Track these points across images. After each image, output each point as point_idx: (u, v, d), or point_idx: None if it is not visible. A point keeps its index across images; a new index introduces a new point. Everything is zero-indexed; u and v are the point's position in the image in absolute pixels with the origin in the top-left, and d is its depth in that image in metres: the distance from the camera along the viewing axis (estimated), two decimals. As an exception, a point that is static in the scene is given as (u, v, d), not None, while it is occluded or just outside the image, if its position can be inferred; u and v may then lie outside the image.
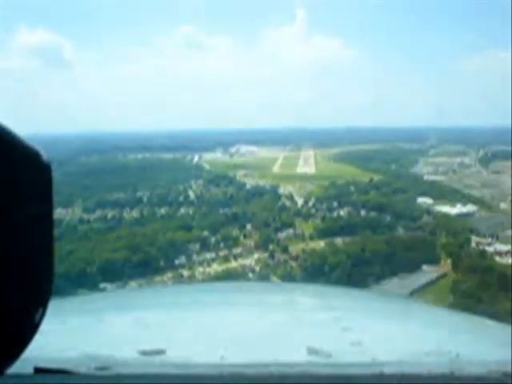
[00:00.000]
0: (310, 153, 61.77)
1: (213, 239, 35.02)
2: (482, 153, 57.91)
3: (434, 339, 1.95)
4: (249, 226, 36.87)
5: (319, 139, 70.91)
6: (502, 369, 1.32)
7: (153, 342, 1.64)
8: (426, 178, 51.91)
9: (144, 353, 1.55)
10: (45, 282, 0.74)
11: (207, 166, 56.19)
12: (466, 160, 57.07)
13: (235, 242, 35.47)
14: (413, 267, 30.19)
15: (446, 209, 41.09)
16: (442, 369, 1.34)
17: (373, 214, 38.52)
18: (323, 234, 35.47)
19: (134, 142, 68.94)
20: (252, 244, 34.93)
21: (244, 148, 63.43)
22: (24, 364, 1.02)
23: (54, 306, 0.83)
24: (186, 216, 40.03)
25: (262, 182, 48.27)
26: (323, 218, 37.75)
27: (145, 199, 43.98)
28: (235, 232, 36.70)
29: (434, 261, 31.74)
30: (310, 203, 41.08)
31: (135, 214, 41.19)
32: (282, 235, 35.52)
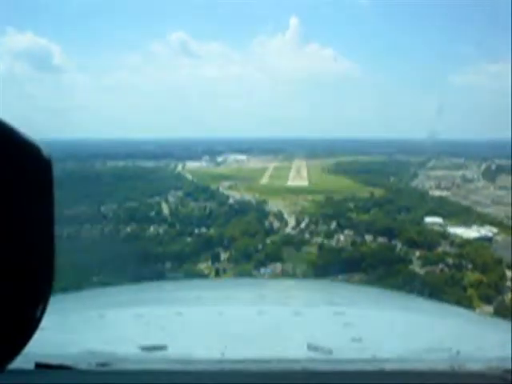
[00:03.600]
0: (303, 163, 53.67)
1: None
2: (484, 166, 51.92)
3: (435, 336, 1.89)
4: (224, 256, 27.96)
5: (312, 149, 63.25)
6: (502, 365, 1.29)
7: (153, 338, 1.58)
8: (430, 193, 45.03)
9: (145, 349, 1.50)
10: (45, 278, 0.71)
11: (189, 177, 48.78)
12: (468, 174, 51.41)
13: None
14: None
15: (461, 231, 33.34)
16: (442, 365, 1.32)
17: (380, 239, 29.80)
18: (321, 270, 25.54)
19: (120, 149, 62.47)
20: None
21: (232, 157, 56.15)
22: (25, 360, 1.07)
23: (55, 302, 0.81)
24: (152, 238, 31.20)
25: (247, 196, 40.05)
26: (320, 248, 28.83)
27: (109, 215, 35.20)
28: (205, 266, 28.33)
29: (467, 307, 22.92)
30: (303, 224, 32.32)
31: (94, 232, 32.36)
32: (266, 272, 26.28)
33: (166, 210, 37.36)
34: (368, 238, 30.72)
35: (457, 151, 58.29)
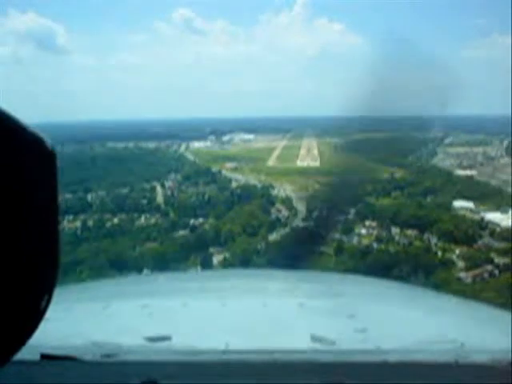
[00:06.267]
0: (313, 142, 47.76)
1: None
2: (506, 143, 46.25)
3: (439, 327, 1.85)
4: (218, 259, 22.19)
5: (323, 127, 57.77)
6: (506, 357, 1.26)
7: (158, 329, 1.56)
8: (454, 173, 39.11)
9: (150, 339, 1.49)
10: (50, 269, 0.71)
11: (191, 158, 43.69)
12: (490, 150, 46.68)
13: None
14: None
15: (498, 218, 27.65)
16: (446, 357, 1.29)
17: (409, 232, 23.81)
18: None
19: (126, 130, 58.34)
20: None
21: (239, 136, 50.80)
22: (30, 351, 1.04)
23: (60, 294, 0.80)
24: (137, 233, 25.68)
25: (252, 179, 34.18)
26: (338, 247, 22.71)
27: (96, 203, 29.83)
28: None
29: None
30: (315, 213, 26.28)
31: (76, 223, 27.03)
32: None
33: (160, 197, 32.00)
34: (394, 230, 24.87)
35: (472, 127, 53.83)
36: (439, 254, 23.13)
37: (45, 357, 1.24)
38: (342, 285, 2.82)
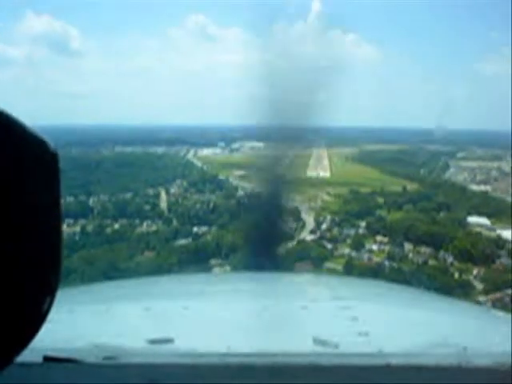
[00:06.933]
0: (324, 152, 46.36)
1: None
2: None
3: (442, 331, 1.84)
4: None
5: (333, 137, 56.66)
6: (509, 361, 1.25)
7: (160, 332, 1.55)
8: (469, 188, 37.87)
9: (152, 342, 1.48)
10: (53, 270, 0.71)
11: (199, 164, 42.40)
12: (505, 166, 43.95)
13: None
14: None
15: (515, 236, 25.52)
16: (449, 360, 1.28)
17: (423, 249, 22.24)
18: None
19: (135, 135, 56.94)
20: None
21: (249, 144, 49.46)
22: (33, 353, 1.03)
23: (62, 296, 0.79)
24: (136, 241, 24.43)
25: (260, 188, 32.68)
26: (348, 264, 21.20)
27: (98, 207, 28.67)
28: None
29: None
30: (324, 226, 24.89)
31: (76, 228, 25.91)
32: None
33: (163, 203, 30.77)
34: (407, 246, 23.28)
35: (486, 142, 51.67)
36: (456, 274, 21.51)
37: (47, 359, 1.24)
38: (345, 287, 2.77)
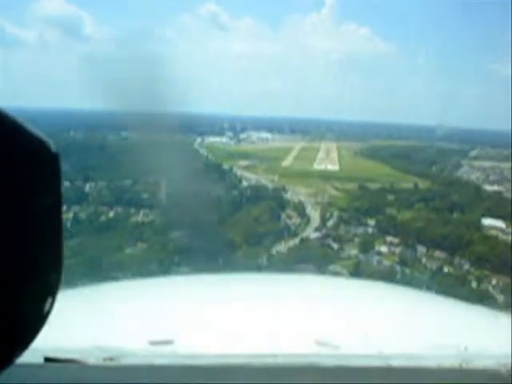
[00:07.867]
0: (333, 145, 44.85)
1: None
2: None
3: (443, 332, 1.81)
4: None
5: (343, 131, 55.04)
6: (510, 362, 1.25)
7: (161, 333, 1.55)
8: (484, 188, 35.89)
9: (152, 343, 1.47)
10: (54, 271, 0.70)
11: (205, 153, 40.80)
12: None
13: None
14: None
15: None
16: (450, 362, 1.29)
17: (437, 253, 20.33)
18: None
19: (144, 121, 54.76)
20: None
21: (256, 134, 48.14)
22: (34, 354, 1.03)
23: (63, 296, 0.79)
24: (130, 231, 22.73)
25: (265, 180, 31.11)
26: (355, 268, 19.23)
27: (93, 194, 27.06)
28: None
29: None
30: (331, 223, 23.01)
31: (69, 215, 24.38)
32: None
33: (163, 192, 29.06)
34: (420, 249, 21.32)
35: (500, 142, 48.69)
36: (473, 283, 19.59)
37: (48, 360, 1.24)
38: (346, 289, 2.77)
